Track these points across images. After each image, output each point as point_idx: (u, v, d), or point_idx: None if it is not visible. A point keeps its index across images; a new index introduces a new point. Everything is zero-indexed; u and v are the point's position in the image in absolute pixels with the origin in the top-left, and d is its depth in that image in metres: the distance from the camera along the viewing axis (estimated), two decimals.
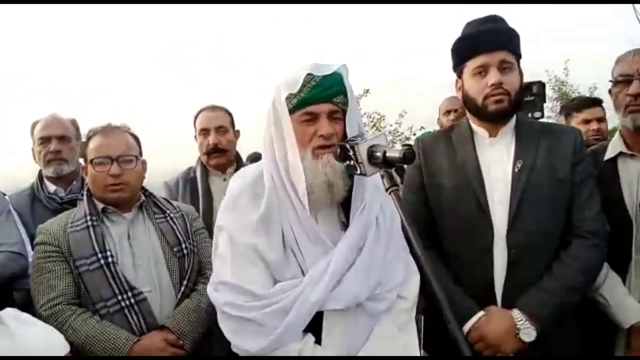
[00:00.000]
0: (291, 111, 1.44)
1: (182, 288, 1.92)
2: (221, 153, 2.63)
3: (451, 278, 1.82)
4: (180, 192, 2.66)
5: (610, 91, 1.90)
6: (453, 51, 1.88)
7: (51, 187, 2.44)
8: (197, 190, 2.62)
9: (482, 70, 1.77)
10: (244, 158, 2.95)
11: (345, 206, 1.52)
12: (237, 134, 2.75)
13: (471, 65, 1.80)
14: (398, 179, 1.37)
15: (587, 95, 17.14)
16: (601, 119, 3.13)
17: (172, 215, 2.02)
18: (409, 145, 1.31)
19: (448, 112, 3.44)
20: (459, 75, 1.87)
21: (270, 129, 1.49)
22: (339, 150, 1.40)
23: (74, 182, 2.48)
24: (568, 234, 1.77)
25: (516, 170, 1.77)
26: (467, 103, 1.86)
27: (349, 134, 1.46)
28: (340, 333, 1.46)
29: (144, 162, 2.03)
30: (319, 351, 1.43)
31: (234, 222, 1.49)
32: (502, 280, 1.75)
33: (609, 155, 1.93)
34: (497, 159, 1.82)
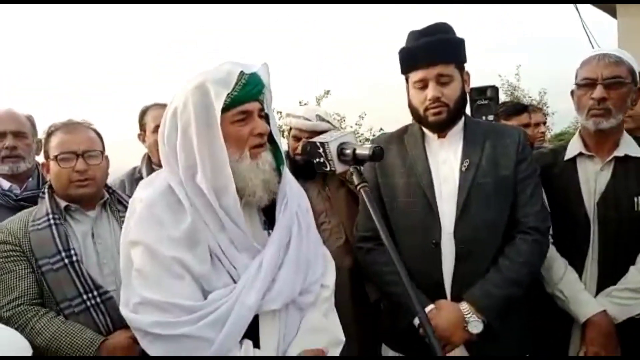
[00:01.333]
0: (222, 110, 1.37)
1: None
2: None
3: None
4: (126, 192, 2.60)
5: (572, 93, 1.99)
6: (399, 60, 1.95)
7: (5, 184, 2.34)
8: None
9: (422, 85, 1.85)
10: None
11: (264, 206, 1.51)
12: None
13: (412, 78, 1.87)
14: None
15: (536, 99, 18.06)
16: (527, 125, 3.29)
17: None
18: (377, 145, 1.37)
19: None
20: (406, 82, 1.95)
21: (186, 134, 1.38)
22: (308, 147, 1.42)
23: (30, 179, 2.39)
24: (512, 229, 1.86)
25: (463, 169, 1.86)
26: (411, 111, 1.95)
27: (274, 131, 1.50)
28: (276, 332, 1.45)
29: (107, 159, 2.00)
30: (260, 354, 1.41)
31: (153, 235, 1.36)
32: (451, 275, 1.84)
33: (568, 155, 2.01)
34: (445, 159, 1.91)
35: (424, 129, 1.97)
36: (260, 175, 1.44)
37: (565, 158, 2.02)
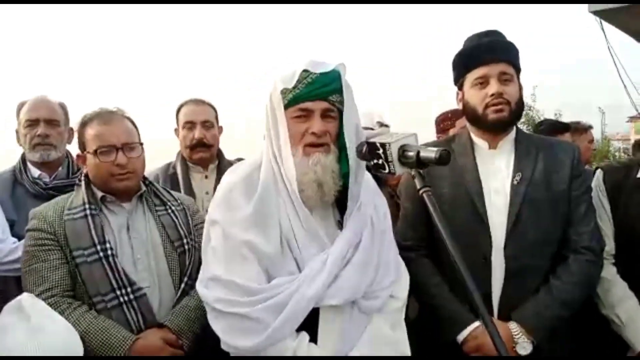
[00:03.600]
0: (286, 106, 1.45)
1: (182, 285, 1.82)
2: (205, 148, 2.55)
3: (446, 286, 1.83)
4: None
5: None
6: (454, 64, 1.92)
7: (35, 172, 2.29)
8: (178, 186, 2.51)
9: (483, 81, 1.80)
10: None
11: (339, 205, 1.52)
12: (220, 129, 2.69)
13: (471, 76, 1.83)
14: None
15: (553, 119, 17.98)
16: None
17: (173, 207, 1.92)
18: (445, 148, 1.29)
19: None
20: (460, 87, 1.91)
21: (267, 122, 1.50)
22: (365, 148, 1.36)
23: (60, 168, 2.34)
24: (564, 248, 1.79)
25: (515, 182, 1.79)
26: (467, 113, 1.88)
27: (346, 135, 1.47)
28: (336, 331, 1.44)
29: (143, 149, 1.92)
30: (314, 350, 1.41)
31: (227, 217, 1.46)
32: (499, 292, 1.76)
33: None
34: (496, 170, 1.84)
35: (474, 138, 1.90)
36: (311, 174, 1.43)
37: (639, 175, 1.92)
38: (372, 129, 2.33)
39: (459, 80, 1.90)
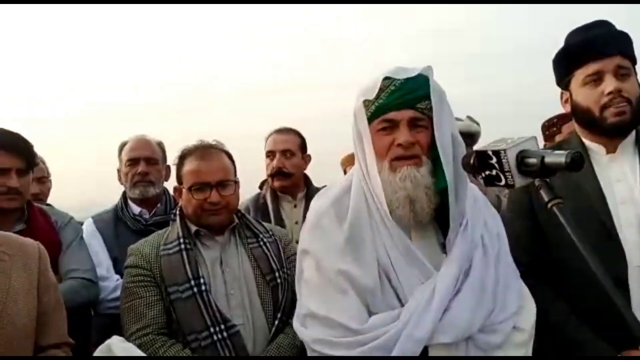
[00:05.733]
0: (369, 119, 1.35)
1: (276, 322, 1.74)
2: (285, 177, 2.54)
3: (574, 317, 1.58)
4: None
5: None
6: (557, 62, 1.71)
7: (136, 209, 2.37)
8: (268, 216, 2.50)
9: (596, 78, 1.58)
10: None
11: (443, 225, 1.36)
12: (306, 158, 2.66)
13: (581, 74, 1.61)
14: None
15: None
16: None
17: (265, 239, 1.87)
18: (577, 150, 1.09)
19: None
20: (565, 87, 1.69)
21: (354, 141, 1.41)
22: (473, 159, 1.18)
23: (158, 205, 2.40)
24: None
25: None
26: (579, 116, 1.65)
27: (439, 144, 1.30)
28: None
29: (238, 184, 1.90)
30: None
31: (320, 245, 1.36)
32: None
33: None
34: (619, 177, 1.60)
35: (587, 143, 1.66)
36: (400, 191, 1.30)
37: None
38: (460, 119, 2.13)
39: (563, 80, 1.69)
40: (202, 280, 1.67)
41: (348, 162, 3.49)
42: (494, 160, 1.13)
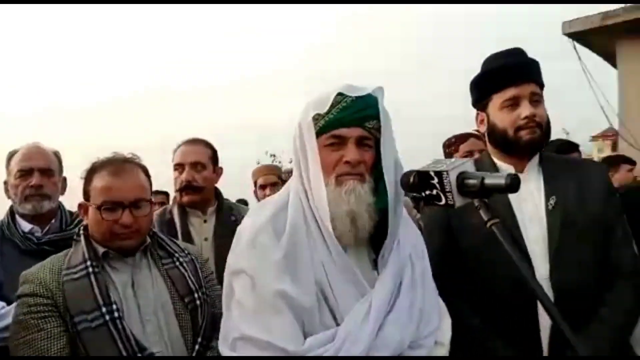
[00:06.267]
0: (318, 133, 1.34)
1: (197, 346, 1.64)
2: (194, 191, 2.40)
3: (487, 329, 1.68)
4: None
5: None
6: (475, 85, 1.83)
7: (26, 226, 2.10)
8: (175, 233, 2.35)
9: (513, 103, 1.72)
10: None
11: (373, 243, 1.39)
12: (218, 170, 2.55)
13: (499, 97, 1.74)
14: None
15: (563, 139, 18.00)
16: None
17: (181, 259, 1.75)
18: (513, 173, 1.18)
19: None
20: (482, 109, 1.81)
21: (296, 154, 1.39)
22: (413, 179, 1.23)
23: (53, 221, 2.15)
24: (608, 274, 1.68)
25: (550, 207, 1.69)
26: (495, 136, 1.78)
27: (384, 164, 1.35)
28: None
29: (152, 202, 1.75)
30: None
31: (256, 263, 1.31)
32: (548, 328, 1.62)
33: None
34: (526, 197, 1.73)
35: (498, 162, 1.79)
36: (344, 205, 1.31)
37: None
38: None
39: (481, 102, 1.81)
40: (114, 307, 1.52)
41: (260, 173, 3.43)
42: (436, 180, 1.17)
